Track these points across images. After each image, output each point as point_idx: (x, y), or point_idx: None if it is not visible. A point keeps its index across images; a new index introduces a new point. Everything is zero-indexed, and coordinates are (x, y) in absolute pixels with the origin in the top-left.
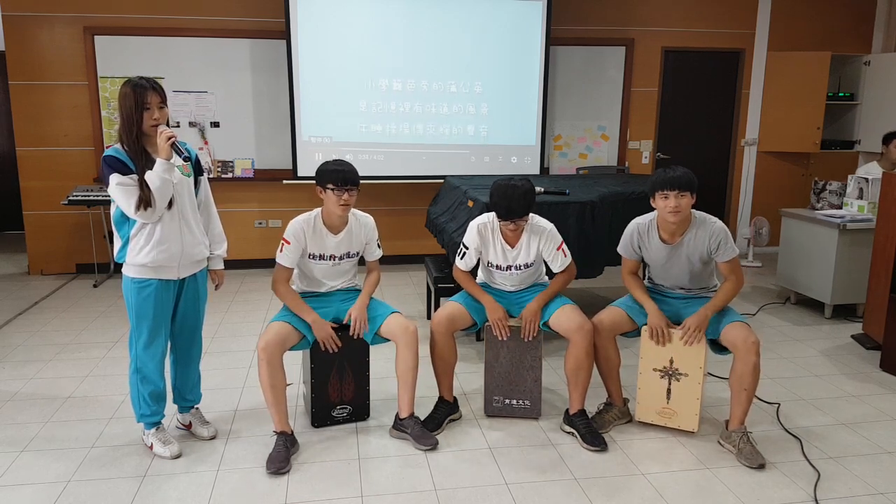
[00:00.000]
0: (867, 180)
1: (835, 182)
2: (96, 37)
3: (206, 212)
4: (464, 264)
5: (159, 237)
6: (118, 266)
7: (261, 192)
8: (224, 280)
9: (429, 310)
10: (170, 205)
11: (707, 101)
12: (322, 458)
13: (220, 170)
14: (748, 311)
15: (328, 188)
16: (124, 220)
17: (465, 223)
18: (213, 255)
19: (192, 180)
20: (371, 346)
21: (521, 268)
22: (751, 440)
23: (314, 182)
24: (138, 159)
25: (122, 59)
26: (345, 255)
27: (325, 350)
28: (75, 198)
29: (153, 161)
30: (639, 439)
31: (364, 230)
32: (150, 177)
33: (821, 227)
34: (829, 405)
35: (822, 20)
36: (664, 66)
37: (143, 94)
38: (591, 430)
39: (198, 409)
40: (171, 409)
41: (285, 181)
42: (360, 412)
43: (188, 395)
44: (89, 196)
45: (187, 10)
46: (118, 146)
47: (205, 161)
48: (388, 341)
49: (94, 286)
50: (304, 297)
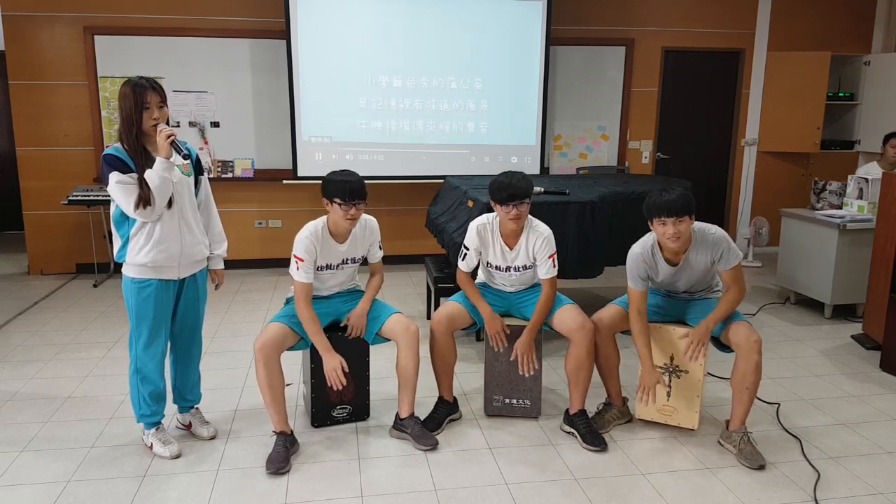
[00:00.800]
0: (867, 180)
1: (835, 182)
2: (96, 36)
3: (207, 211)
4: (465, 265)
5: (159, 237)
6: (118, 266)
7: (261, 192)
8: (224, 280)
9: (429, 310)
10: (169, 204)
11: (707, 101)
12: (322, 458)
13: (220, 170)
14: (748, 311)
15: (335, 202)
16: (124, 219)
17: (466, 223)
18: (213, 255)
19: (192, 180)
20: (371, 346)
21: (520, 269)
22: (751, 440)
23: (319, 183)
24: (138, 158)
25: (122, 58)
26: (349, 260)
27: (330, 386)
28: (75, 198)
29: (153, 160)
30: (639, 439)
31: (368, 234)
32: (150, 175)
33: (821, 228)
34: (829, 405)
35: (822, 20)
36: (664, 66)
37: (142, 94)
38: (591, 430)
39: (198, 409)
40: (171, 409)
41: (285, 181)
42: (360, 412)
43: (188, 395)
44: (89, 196)
45: (187, 9)
46: (118, 145)
47: (205, 161)
48: (389, 341)
49: (94, 286)
50: None
